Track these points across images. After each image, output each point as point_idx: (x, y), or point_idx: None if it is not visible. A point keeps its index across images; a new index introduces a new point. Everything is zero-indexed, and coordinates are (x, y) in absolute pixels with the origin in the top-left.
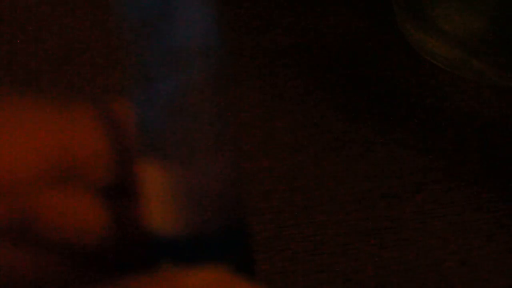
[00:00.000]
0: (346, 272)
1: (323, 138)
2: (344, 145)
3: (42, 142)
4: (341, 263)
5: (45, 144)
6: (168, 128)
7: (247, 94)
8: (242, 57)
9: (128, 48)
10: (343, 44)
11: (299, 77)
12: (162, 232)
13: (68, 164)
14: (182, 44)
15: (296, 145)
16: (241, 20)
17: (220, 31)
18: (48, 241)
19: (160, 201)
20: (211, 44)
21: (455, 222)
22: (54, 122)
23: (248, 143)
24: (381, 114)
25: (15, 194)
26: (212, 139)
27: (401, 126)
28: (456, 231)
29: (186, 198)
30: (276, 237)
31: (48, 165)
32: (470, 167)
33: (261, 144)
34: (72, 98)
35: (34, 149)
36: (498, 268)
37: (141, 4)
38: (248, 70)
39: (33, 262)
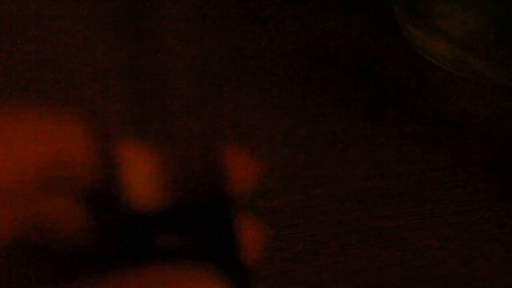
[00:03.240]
0: (346, 272)
1: (323, 138)
2: (344, 145)
3: (37, 150)
4: (341, 263)
5: (39, 152)
6: (155, 116)
7: (247, 94)
8: (242, 57)
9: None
10: (343, 45)
11: (299, 77)
12: (147, 208)
13: (57, 170)
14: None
15: (296, 145)
16: (241, 20)
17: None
18: (46, 246)
19: (145, 181)
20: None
21: (455, 222)
22: (48, 132)
23: (247, 143)
24: (381, 114)
25: (18, 197)
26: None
27: (401, 126)
28: (456, 231)
29: (171, 176)
30: (276, 237)
31: (39, 170)
32: (470, 167)
33: (261, 144)
34: (68, 110)
35: (30, 156)
36: (498, 268)
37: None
38: (248, 70)
39: (30, 264)
